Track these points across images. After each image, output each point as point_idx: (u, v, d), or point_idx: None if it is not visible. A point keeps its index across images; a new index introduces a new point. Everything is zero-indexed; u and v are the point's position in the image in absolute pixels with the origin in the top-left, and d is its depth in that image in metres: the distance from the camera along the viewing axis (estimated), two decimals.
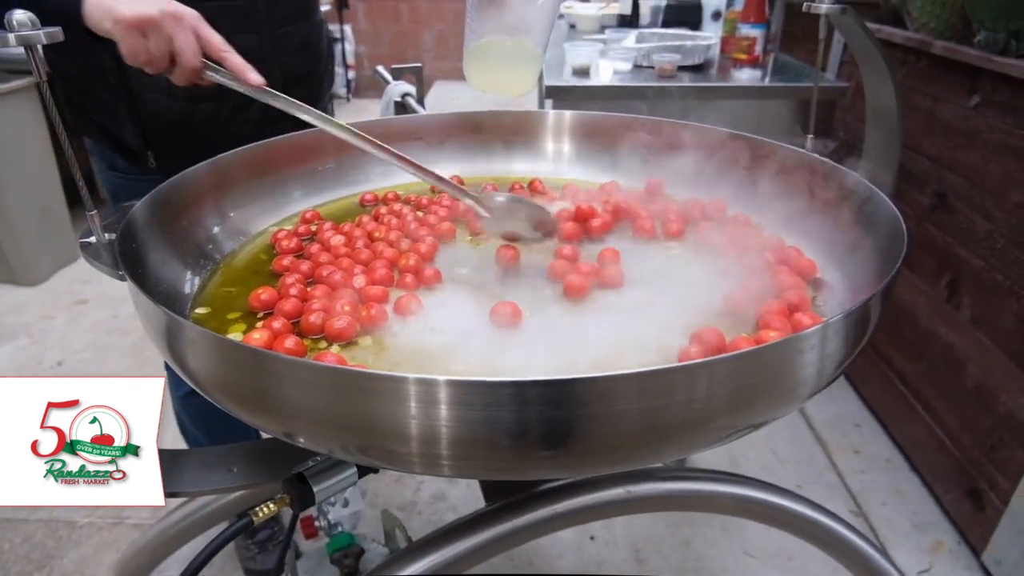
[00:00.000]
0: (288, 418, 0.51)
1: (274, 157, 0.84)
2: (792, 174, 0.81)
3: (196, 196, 0.72)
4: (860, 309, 0.52)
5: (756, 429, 0.55)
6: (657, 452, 0.57)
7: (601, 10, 2.39)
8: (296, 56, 1.04)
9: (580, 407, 0.46)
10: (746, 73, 1.66)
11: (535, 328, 0.64)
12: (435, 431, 0.46)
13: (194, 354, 0.50)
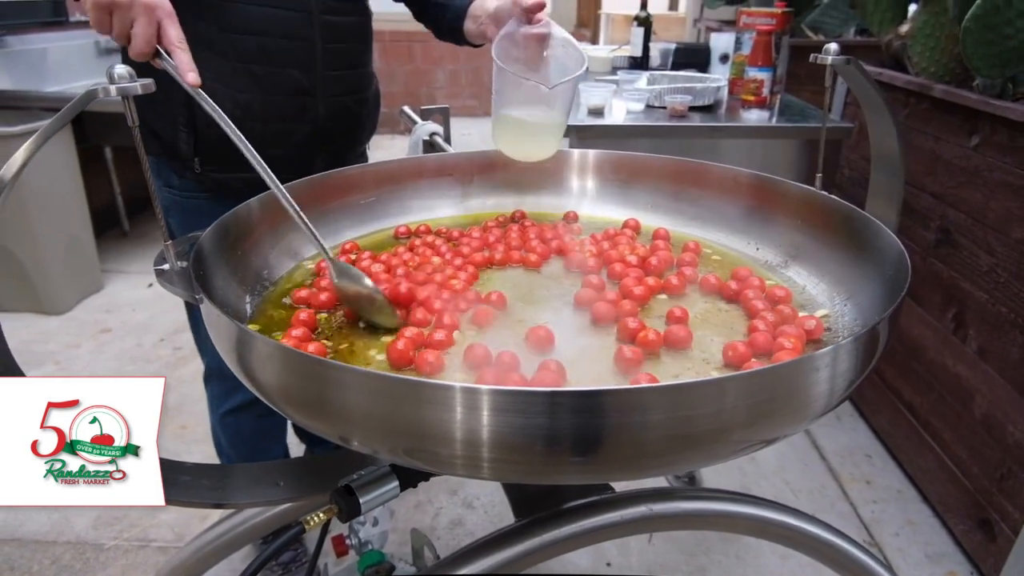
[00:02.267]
0: (344, 423, 0.55)
1: (321, 191, 0.91)
2: (804, 210, 0.87)
3: (252, 226, 0.78)
4: (868, 333, 0.57)
5: (770, 444, 0.59)
6: (678, 462, 0.61)
7: (613, 52, 2.49)
8: (341, 98, 1.13)
9: (608, 416, 0.51)
10: (754, 114, 1.74)
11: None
12: (477, 436, 0.51)
13: (262, 366, 0.55)
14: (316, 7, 1.03)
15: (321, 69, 1.08)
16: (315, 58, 1.06)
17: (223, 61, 1.00)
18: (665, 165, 0.99)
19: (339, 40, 1.09)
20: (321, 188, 0.92)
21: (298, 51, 1.05)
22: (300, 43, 1.04)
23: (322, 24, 1.05)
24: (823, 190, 0.89)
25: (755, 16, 1.81)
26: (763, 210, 0.90)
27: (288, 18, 1.02)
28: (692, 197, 0.96)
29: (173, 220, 1.12)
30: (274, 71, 1.04)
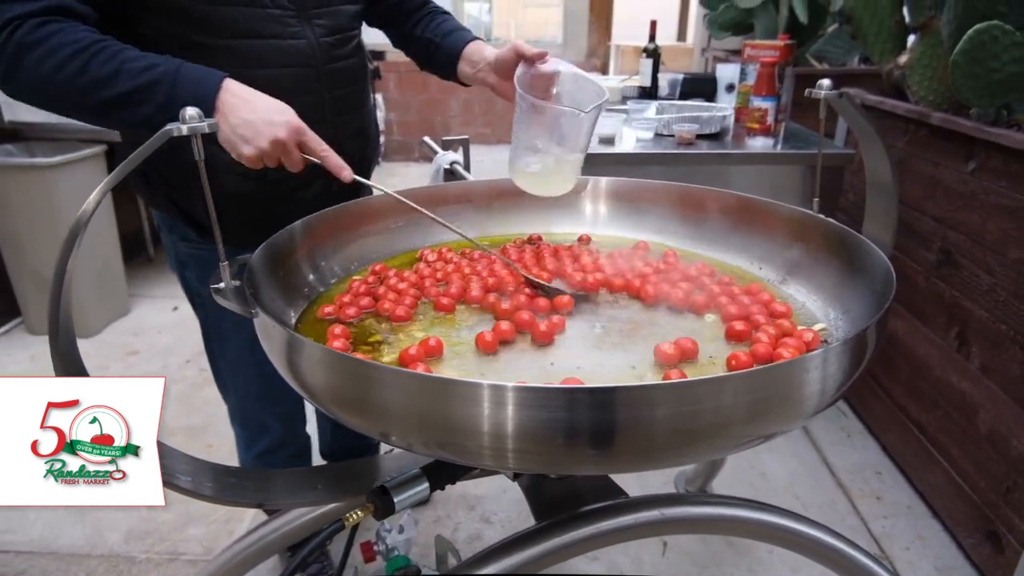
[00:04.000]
0: (382, 418, 0.61)
1: (351, 218, 0.99)
2: (801, 232, 0.93)
3: (294, 249, 0.86)
4: (856, 338, 0.63)
5: (768, 439, 0.65)
6: (684, 454, 0.66)
7: (623, 82, 2.58)
8: (348, 144, 1.11)
9: (620, 411, 0.56)
10: (759, 141, 1.81)
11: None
12: (503, 428, 0.56)
13: (312, 369, 0.61)
14: (320, 59, 1.02)
15: (330, 118, 1.06)
16: (323, 109, 1.05)
17: None
18: (671, 191, 1.06)
19: (343, 86, 1.08)
20: (350, 216, 0.99)
21: (308, 107, 0.99)
22: (308, 97, 1.02)
23: (327, 74, 1.04)
24: (820, 213, 0.96)
25: (759, 48, 1.90)
26: (763, 232, 0.97)
27: (295, 75, 1.00)
28: (697, 220, 1.03)
29: (191, 273, 1.13)
30: None
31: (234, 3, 0.92)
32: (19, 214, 2.43)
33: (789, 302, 0.88)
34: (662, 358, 0.73)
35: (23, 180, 2.38)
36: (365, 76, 1.17)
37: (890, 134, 1.80)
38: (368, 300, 0.88)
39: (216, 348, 1.24)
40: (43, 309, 2.21)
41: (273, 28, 0.96)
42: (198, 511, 1.70)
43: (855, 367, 0.66)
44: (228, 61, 0.90)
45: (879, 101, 1.82)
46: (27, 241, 2.48)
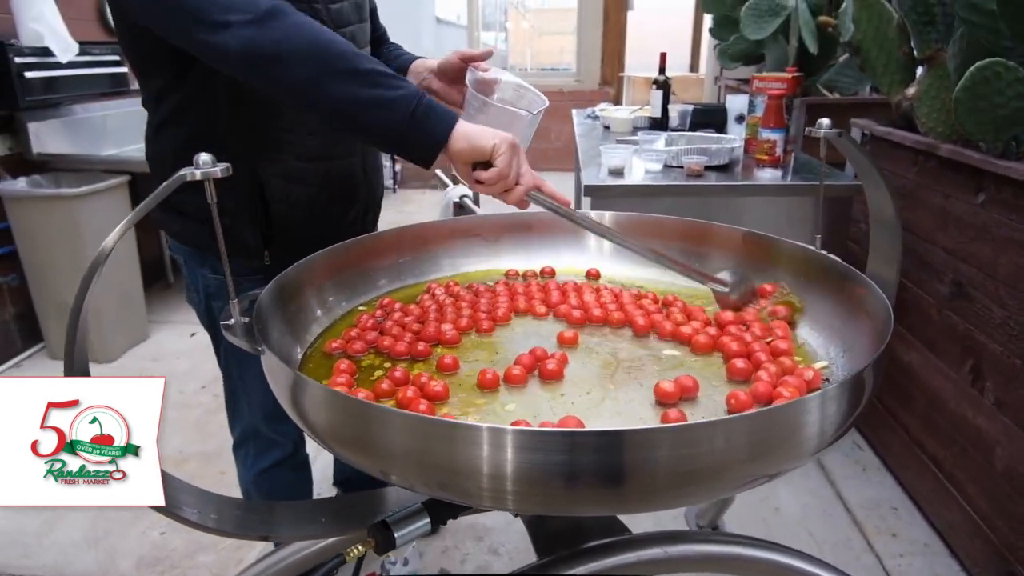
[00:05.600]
0: (384, 458, 0.62)
1: (364, 252, 1.01)
2: (804, 268, 0.94)
3: (303, 285, 0.88)
4: (853, 379, 0.64)
5: (769, 480, 0.65)
6: (685, 495, 0.66)
7: (633, 113, 2.61)
8: (374, 173, 1.22)
9: (620, 454, 0.57)
10: (768, 173, 1.82)
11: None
12: (501, 471, 0.57)
13: (315, 408, 0.63)
14: None
15: (361, 152, 1.15)
16: (358, 145, 1.13)
17: (295, 161, 1.05)
18: (675, 225, 1.07)
19: None
20: (361, 249, 1.02)
21: (347, 143, 1.11)
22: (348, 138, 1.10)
23: None
24: (823, 249, 0.97)
25: (767, 81, 1.92)
26: (766, 267, 0.98)
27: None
28: (700, 255, 1.04)
29: (217, 304, 1.14)
30: (335, 162, 1.10)
31: None
32: (44, 243, 2.50)
33: (790, 338, 0.88)
34: (661, 396, 0.73)
35: (49, 210, 2.45)
36: None
37: (900, 165, 1.80)
38: (375, 335, 0.90)
39: (235, 371, 1.26)
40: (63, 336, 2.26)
41: None
42: (208, 539, 1.71)
43: (854, 407, 0.66)
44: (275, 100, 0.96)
45: (888, 132, 1.82)
46: (51, 269, 2.55)
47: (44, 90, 2.54)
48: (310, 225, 1.11)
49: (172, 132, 1.04)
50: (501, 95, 1.10)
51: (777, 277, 0.96)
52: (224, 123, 1.00)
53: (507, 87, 1.10)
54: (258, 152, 1.03)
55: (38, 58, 2.45)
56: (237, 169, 1.05)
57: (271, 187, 1.05)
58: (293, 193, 1.07)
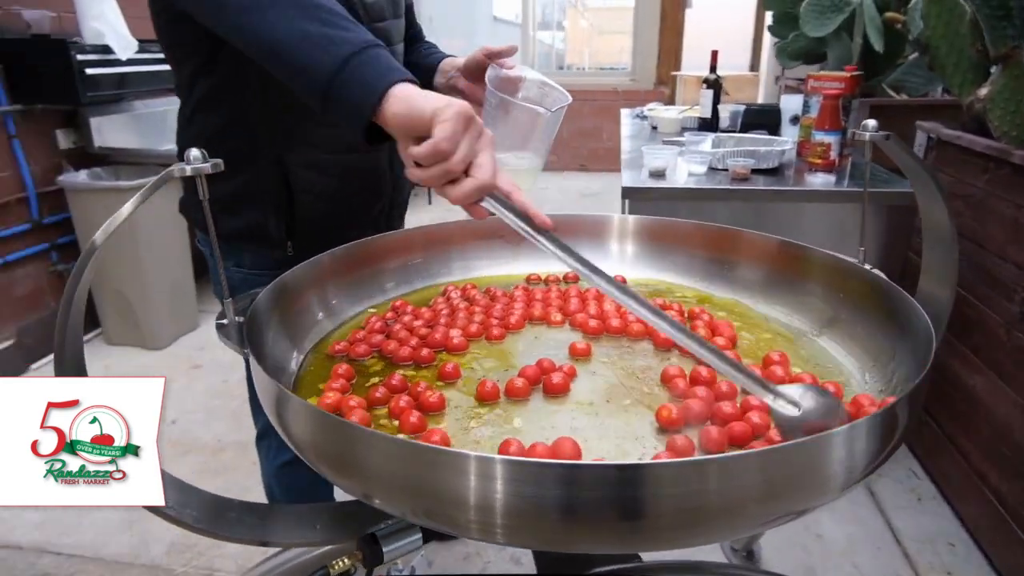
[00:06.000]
0: (366, 481, 0.59)
1: (371, 253, 0.98)
2: (841, 281, 0.86)
3: (306, 286, 0.86)
4: (885, 413, 0.57)
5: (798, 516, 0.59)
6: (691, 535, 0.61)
7: (682, 113, 2.52)
8: (401, 169, 1.21)
9: (618, 489, 0.52)
10: (820, 178, 1.71)
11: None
12: (490, 503, 0.52)
13: (296, 422, 0.61)
14: None
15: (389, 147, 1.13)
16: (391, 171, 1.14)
17: (321, 153, 1.05)
18: (705, 231, 1.01)
19: None
20: (371, 249, 0.99)
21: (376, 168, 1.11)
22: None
23: None
24: (865, 263, 0.88)
25: (823, 80, 1.81)
26: (799, 279, 0.90)
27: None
28: (730, 263, 0.97)
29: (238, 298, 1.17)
30: (362, 157, 1.09)
31: None
32: None
33: (819, 358, 0.81)
34: (664, 423, 0.67)
35: (106, 202, 2.55)
36: None
37: (969, 172, 1.66)
38: (380, 338, 0.87)
39: None
40: (120, 322, 2.36)
41: None
42: None
43: (887, 442, 0.59)
44: None
45: (956, 136, 1.69)
46: (108, 258, 2.65)
47: (105, 86, 2.64)
48: (333, 217, 1.11)
49: (203, 118, 1.05)
50: (526, 93, 1.06)
51: (809, 291, 0.88)
52: (256, 111, 1.01)
53: (531, 85, 1.06)
54: (285, 141, 1.03)
55: (99, 55, 2.55)
56: (264, 157, 1.06)
57: (296, 177, 1.05)
58: (318, 184, 1.06)
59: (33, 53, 2.44)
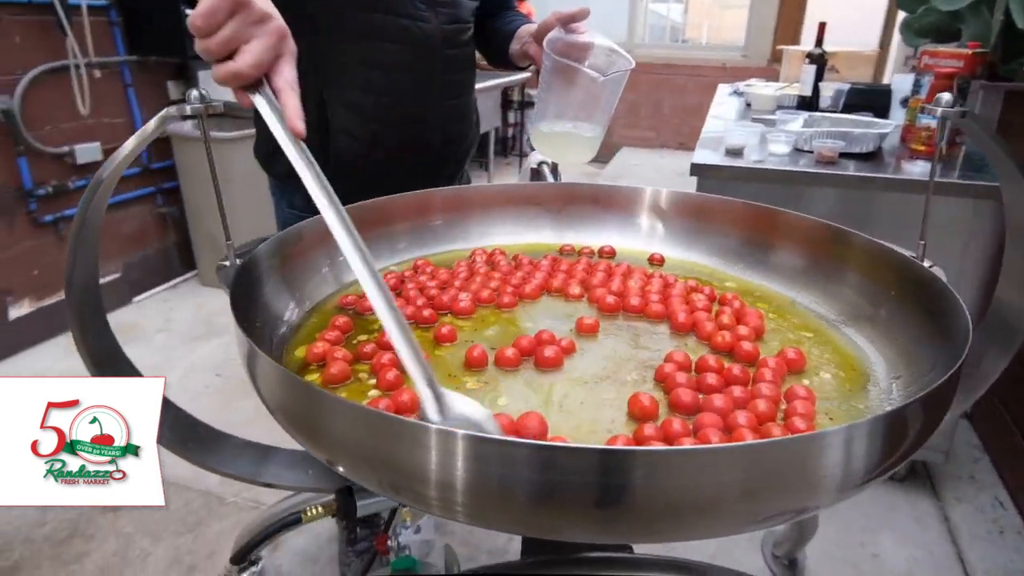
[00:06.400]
0: (330, 449, 0.56)
1: (386, 212, 0.97)
2: (883, 273, 0.77)
3: (313, 242, 0.86)
4: (891, 416, 0.50)
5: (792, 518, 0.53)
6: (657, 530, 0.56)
7: (779, 90, 2.34)
8: (454, 125, 1.20)
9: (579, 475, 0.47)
10: (919, 166, 1.53)
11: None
12: (451, 479, 0.48)
13: (263, 377, 0.59)
14: (440, 44, 1.10)
15: (439, 100, 1.15)
16: (435, 89, 1.13)
17: (359, 94, 1.08)
18: (749, 211, 0.93)
19: (454, 72, 1.16)
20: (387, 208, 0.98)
21: (421, 85, 1.12)
22: (423, 75, 1.11)
23: (442, 58, 1.12)
24: (924, 259, 0.78)
25: (939, 57, 1.61)
26: (841, 267, 0.81)
27: (415, 53, 1.08)
28: (763, 245, 0.89)
29: None
30: (400, 103, 1.11)
31: None
32: (200, 180, 2.79)
33: (849, 349, 0.73)
34: (634, 410, 0.62)
35: (203, 152, 2.71)
36: (473, 66, 1.24)
37: None
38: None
39: None
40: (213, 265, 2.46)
41: (406, 8, 1.05)
42: None
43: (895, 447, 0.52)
44: (362, 30, 1.03)
45: None
46: (204, 204, 2.84)
47: None
48: (373, 164, 1.12)
49: None
50: (593, 60, 1.01)
51: (850, 281, 0.79)
52: (303, 47, 1.01)
53: (600, 52, 1.00)
54: (326, 79, 1.06)
55: None
56: (309, 97, 1.08)
57: (335, 115, 1.08)
58: (355, 126, 1.08)
59: (148, 7, 2.61)
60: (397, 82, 1.09)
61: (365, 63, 1.06)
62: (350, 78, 1.06)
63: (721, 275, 0.96)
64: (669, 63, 5.47)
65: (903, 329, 0.72)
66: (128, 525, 1.64)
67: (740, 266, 0.97)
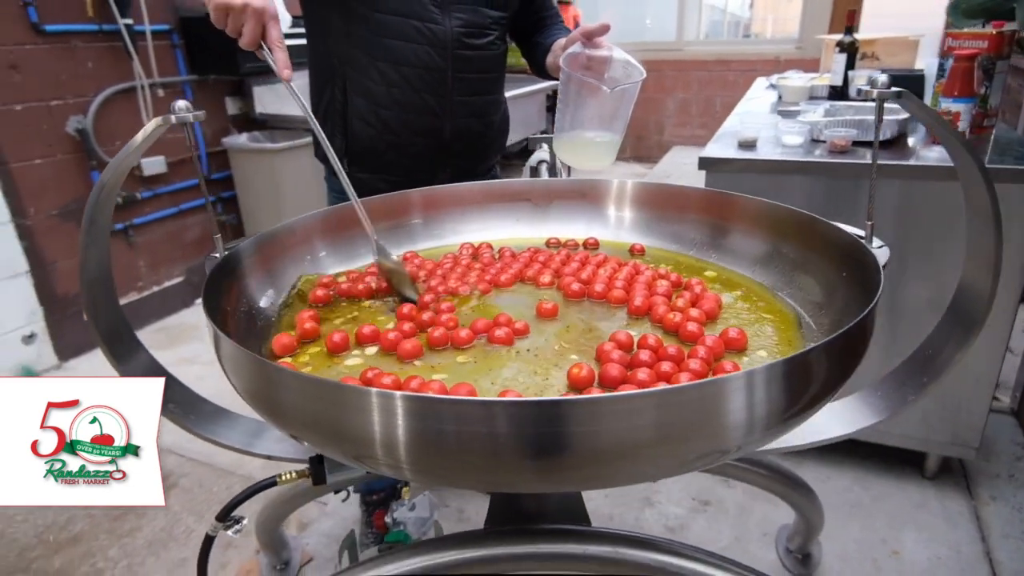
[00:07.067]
0: (290, 422, 0.61)
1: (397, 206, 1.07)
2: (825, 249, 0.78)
3: (292, 242, 0.94)
4: (786, 363, 0.54)
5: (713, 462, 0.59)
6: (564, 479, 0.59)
7: (811, 81, 2.29)
8: (465, 121, 1.29)
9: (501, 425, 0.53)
10: (936, 151, 1.49)
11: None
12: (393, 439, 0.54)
13: (227, 360, 0.64)
14: (452, 44, 1.21)
15: (450, 95, 1.24)
16: (446, 86, 1.23)
17: (373, 85, 1.21)
18: (695, 196, 0.95)
19: (468, 71, 1.25)
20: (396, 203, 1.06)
21: (433, 80, 1.22)
22: (435, 73, 1.21)
23: (456, 57, 1.22)
24: (875, 239, 0.79)
25: (961, 38, 1.55)
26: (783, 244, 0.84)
27: (427, 51, 1.20)
28: (721, 228, 0.91)
29: None
30: (412, 95, 1.22)
31: None
32: (254, 189, 2.97)
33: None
34: (571, 380, 0.67)
35: (258, 161, 2.90)
36: (498, 69, 1.33)
37: None
38: (364, 286, 0.94)
39: None
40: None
41: (418, 11, 1.18)
42: None
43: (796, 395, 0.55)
44: (378, 29, 1.17)
45: None
46: (258, 211, 3.02)
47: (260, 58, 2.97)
48: (387, 150, 1.26)
49: (310, 49, 1.29)
50: (612, 72, 1.07)
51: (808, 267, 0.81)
52: (332, 40, 1.22)
53: (618, 64, 1.07)
54: (346, 68, 1.22)
55: None
56: (333, 80, 1.23)
57: (353, 102, 1.24)
58: (369, 114, 1.23)
59: (207, 30, 2.80)
60: (408, 76, 1.21)
61: (380, 58, 1.20)
62: (366, 70, 1.21)
63: (701, 264, 0.99)
64: (721, 59, 5.37)
65: (847, 308, 0.73)
66: (176, 504, 1.79)
67: (716, 254, 1.00)
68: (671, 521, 1.65)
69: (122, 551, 1.64)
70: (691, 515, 1.67)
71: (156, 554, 1.63)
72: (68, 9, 2.43)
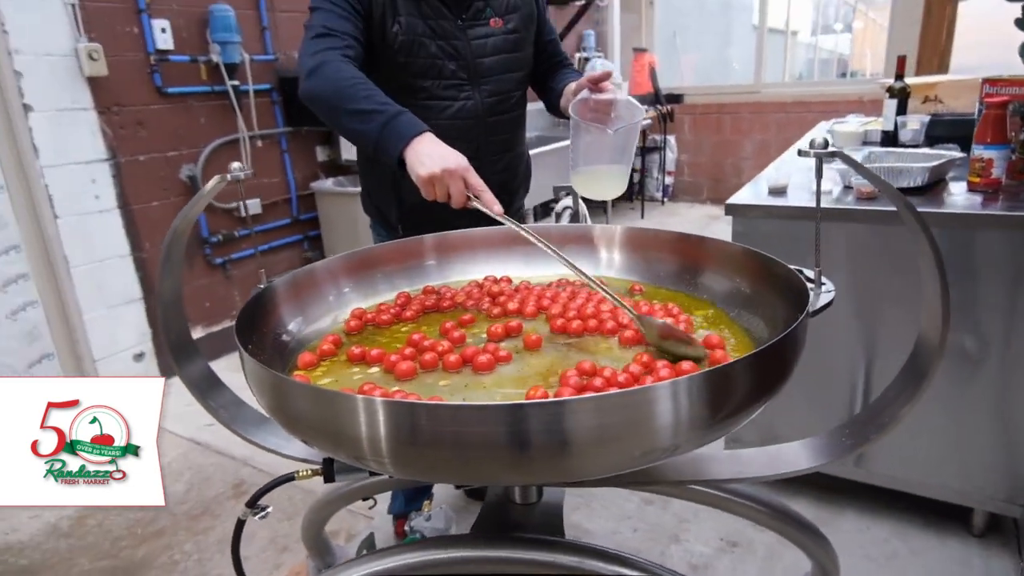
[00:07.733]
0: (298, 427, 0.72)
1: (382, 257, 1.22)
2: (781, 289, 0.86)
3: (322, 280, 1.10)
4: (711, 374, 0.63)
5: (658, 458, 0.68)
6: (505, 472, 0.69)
7: (864, 126, 2.29)
8: (497, 176, 1.45)
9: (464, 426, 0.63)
10: (966, 199, 1.48)
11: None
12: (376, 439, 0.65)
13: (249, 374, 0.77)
14: (483, 114, 1.40)
15: (485, 156, 1.42)
16: (480, 149, 1.41)
17: None
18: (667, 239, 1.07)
19: (498, 133, 1.43)
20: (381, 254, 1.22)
21: (469, 146, 1.34)
22: (471, 140, 1.39)
23: (487, 124, 1.40)
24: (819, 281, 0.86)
25: (999, 84, 1.55)
26: (740, 281, 0.91)
27: (464, 124, 1.37)
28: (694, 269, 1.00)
29: None
30: None
31: (431, 77, 1.35)
32: (336, 229, 3.27)
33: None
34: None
35: (339, 204, 3.19)
36: (520, 127, 1.51)
37: None
38: (397, 309, 1.09)
39: None
40: None
41: (453, 92, 1.37)
42: None
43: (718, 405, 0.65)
44: (421, 111, 1.28)
45: None
46: (339, 247, 3.31)
47: None
48: (433, 207, 1.33)
49: None
50: (617, 111, 1.20)
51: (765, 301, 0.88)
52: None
53: (621, 105, 1.20)
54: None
55: None
56: (386, 171, 1.40)
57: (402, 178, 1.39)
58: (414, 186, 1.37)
59: None
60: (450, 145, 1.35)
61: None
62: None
63: (696, 302, 1.07)
64: (800, 100, 5.32)
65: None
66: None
67: (707, 296, 1.07)
68: (695, 559, 1.67)
69: (195, 546, 1.85)
70: (717, 554, 1.68)
71: (223, 551, 1.83)
72: (186, 74, 2.83)
